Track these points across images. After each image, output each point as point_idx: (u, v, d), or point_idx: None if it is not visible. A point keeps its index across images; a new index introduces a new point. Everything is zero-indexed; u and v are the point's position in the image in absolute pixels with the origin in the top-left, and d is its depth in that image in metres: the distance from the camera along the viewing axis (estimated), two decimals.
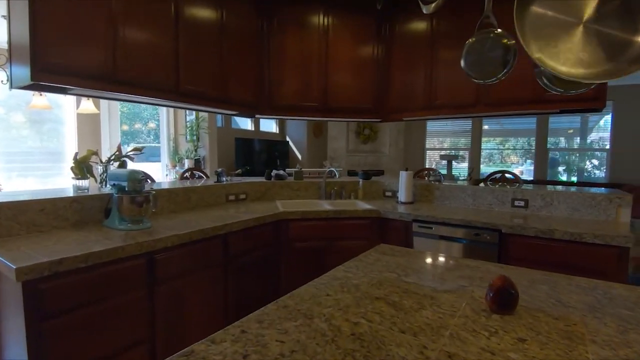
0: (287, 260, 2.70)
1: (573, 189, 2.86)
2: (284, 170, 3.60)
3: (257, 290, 2.52)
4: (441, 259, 1.55)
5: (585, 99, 2.35)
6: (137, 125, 5.71)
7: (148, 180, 3.01)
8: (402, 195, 3.18)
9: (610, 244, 2.05)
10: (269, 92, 2.98)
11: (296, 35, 3.03)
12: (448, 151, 7.71)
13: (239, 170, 3.29)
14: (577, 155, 6.88)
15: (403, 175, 3.15)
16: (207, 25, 2.61)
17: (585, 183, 6.26)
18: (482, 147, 7.18)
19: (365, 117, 3.21)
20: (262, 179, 3.38)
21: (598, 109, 2.37)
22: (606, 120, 6.34)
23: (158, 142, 5.78)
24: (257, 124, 6.78)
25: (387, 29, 3.15)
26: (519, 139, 7.37)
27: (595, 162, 6.80)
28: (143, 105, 5.89)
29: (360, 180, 3.39)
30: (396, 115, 3.13)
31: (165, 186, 2.69)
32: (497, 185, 3.07)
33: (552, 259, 2.22)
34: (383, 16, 3.16)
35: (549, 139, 6.70)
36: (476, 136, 7.15)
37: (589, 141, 6.78)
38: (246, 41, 2.89)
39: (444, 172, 8.56)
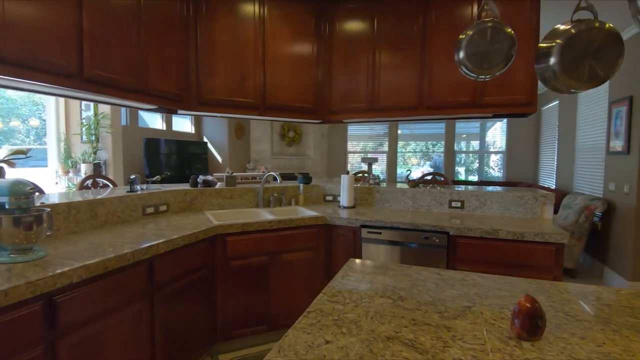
0: (224, 283, 2.33)
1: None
2: (212, 175, 3.18)
3: (190, 324, 2.11)
4: (423, 272, 1.41)
5: (518, 104, 2.51)
6: (14, 123, 4.58)
7: (36, 192, 2.33)
8: (344, 200, 3.04)
9: (549, 241, 2.18)
10: (197, 84, 2.56)
11: (229, 22, 2.67)
12: (364, 154, 7.93)
13: (158, 177, 2.78)
14: (477, 157, 7.68)
15: (345, 179, 3.02)
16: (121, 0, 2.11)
17: (487, 182, 7.01)
18: (397, 150, 7.55)
19: (305, 117, 2.99)
20: (186, 187, 2.92)
21: (529, 114, 2.55)
22: (498, 127, 7.21)
23: (42, 143, 4.73)
24: (169, 123, 6.05)
25: (326, 26, 2.98)
26: (419, 142, 7.93)
27: (478, 162, 7.68)
28: (21, 100, 4.77)
29: (301, 185, 3.16)
30: (338, 116, 2.99)
31: (57, 199, 2.09)
32: (428, 187, 3.13)
33: (497, 258, 2.28)
34: (322, 12, 2.99)
35: (442, 143, 7.31)
36: (392, 140, 7.49)
37: (485, 145, 7.62)
38: (170, 23, 2.43)
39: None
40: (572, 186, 4.92)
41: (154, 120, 5.89)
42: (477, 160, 7.68)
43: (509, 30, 1.10)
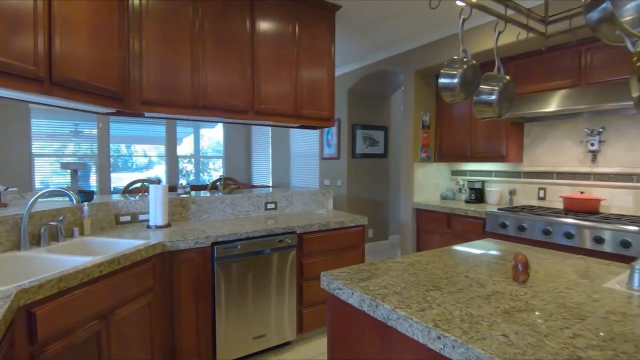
0: None
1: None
2: None
3: None
4: (398, 260, 1.54)
5: (324, 119, 2.99)
6: None
7: None
8: (156, 218, 2.39)
9: (357, 224, 2.83)
10: None
11: None
12: (61, 158, 6.07)
13: None
14: (194, 161, 7.79)
15: (157, 190, 2.37)
16: None
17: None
18: (110, 154, 6.30)
19: (109, 105, 2.00)
20: None
21: (329, 127, 3.10)
22: (211, 132, 7.70)
23: None
24: None
25: None
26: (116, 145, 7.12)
27: (194, 165, 8.04)
28: None
29: (85, 204, 2.14)
30: (154, 108, 2.23)
31: None
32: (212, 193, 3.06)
33: (330, 245, 2.69)
34: None
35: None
36: (104, 142, 6.17)
37: (201, 149, 7.88)
38: None
39: (65, 184, 6.84)
40: (289, 183, 6.19)
41: None
42: (193, 164, 7.79)
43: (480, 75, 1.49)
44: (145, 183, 3.07)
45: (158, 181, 2.44)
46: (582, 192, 3.11)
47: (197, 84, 2.38)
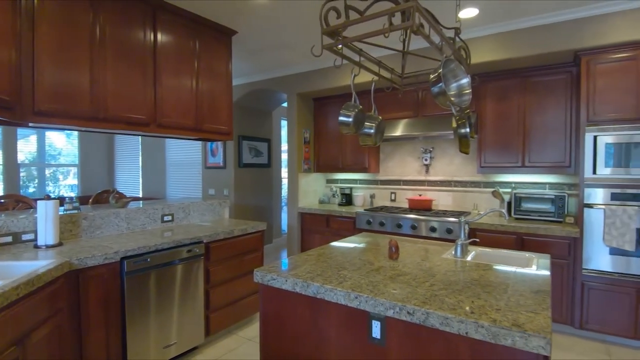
0: None
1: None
2: None
3: None
4: (309, 253, 1.94)
5: (223, 133, 3.19)
6: None
7: None
8: (47, 236, 2.22)
9: (257, 230, 3.16)
10: None
11: None
12: None
13: None
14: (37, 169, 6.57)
15: (47, 207, 2.20)
16: None
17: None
18: None
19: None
20: None
21: (227, 140, 3.29)
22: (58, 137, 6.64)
23: None
24: None
25: None
26: None
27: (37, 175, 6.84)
28: None
29: None
30: (49, 119, 2.03)
31: None
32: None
33: (234, 252, 2.94)
34: None
35: None
36: None
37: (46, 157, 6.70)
38: None
39: None
40: (165, 193, 5.94)
41: None
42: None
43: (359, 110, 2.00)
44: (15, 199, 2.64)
45: (48, 196, 2.25)
46: (420, 195, 4.18)
47: (97, 95, 2.31)
